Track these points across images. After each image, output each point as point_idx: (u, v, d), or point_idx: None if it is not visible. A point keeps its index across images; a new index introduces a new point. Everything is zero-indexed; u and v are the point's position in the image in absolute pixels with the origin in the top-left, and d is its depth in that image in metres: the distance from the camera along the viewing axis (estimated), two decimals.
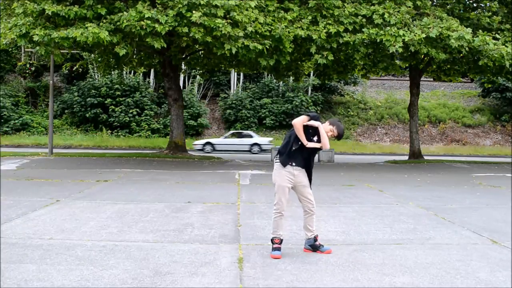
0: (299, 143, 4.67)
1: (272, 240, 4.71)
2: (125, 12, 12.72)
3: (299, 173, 4.75)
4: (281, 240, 4.71)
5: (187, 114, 30.51)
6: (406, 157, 20.99)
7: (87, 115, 30.79)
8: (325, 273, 4.17)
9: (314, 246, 4.79)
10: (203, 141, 26.48)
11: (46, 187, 9.14)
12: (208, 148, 25.60)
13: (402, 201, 8.29)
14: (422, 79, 22.12)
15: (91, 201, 7.60)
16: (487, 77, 23.84)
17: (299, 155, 4.71)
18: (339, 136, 4.73)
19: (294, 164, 4.72)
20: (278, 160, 4.78)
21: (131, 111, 31.06)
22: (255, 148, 25.90)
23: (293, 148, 4.69)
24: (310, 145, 4.65)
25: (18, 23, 12.80)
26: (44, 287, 3.70)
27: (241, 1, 12.96)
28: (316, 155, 19.57)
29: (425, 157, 20.50)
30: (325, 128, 4.69)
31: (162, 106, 32.85)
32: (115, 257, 4.50)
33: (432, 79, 30.88)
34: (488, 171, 15.37)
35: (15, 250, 4.69)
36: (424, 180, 11.94)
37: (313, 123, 4.63)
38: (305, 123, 4.63)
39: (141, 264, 4.32)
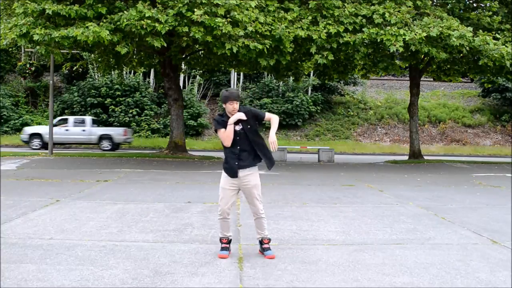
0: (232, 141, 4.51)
1: (220, 240, 4.71)
2: (125, 12, 12.72)
3: (243, 176, 4.60)
4: (229, 240, 4.69)
5: (187, 114, 30.51)
6: (406, 157, 20.98)
7: (87, 115, 30.78)
8: (325, 273, 4.17)
9: (261, 249, 4.71)
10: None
11: (46, 187, 9.14)
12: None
13: (402, 201, 8.29)
14: (422, 79, 22.13)
15: (91, 201, 7.60)
16: (487, 77, 23.85)
17: (240, 149, 4.55)
18: (233, 97, 4.49)
19: (243, 165, 4.58)
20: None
21: (131, 111, 31.05)
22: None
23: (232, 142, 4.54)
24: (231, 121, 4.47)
25: (19, 23, 12.80)
26: (44, 287, 3.70)
27: (242, 1, 12.96)
28: (316, 155, 19.60)
29: (425, 157, 20.50)
30: (228, 109, 4.50)
31: (162, 106, 32.85)
32: (115, 257, 4.50)
33: (432, 79, 30.88)
34: (488, 171, 15.37)
35: (15, 250, 4.69)
36: (424, 180, 11.94)
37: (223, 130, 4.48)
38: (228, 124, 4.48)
39: (141, 264, 4.32)
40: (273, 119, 4.63)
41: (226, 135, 4.51)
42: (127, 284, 3.78)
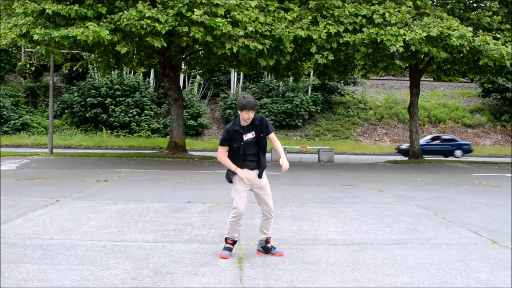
0: (242, 143, 4.54)
1: (225, 240, 4.69)
2: (125, 12, 12.72)
3: (255, 175, 4.64)
4: (234, 241, 4.70)
5: (187, 114, 30.51)
6: (406, 157, 21.00)
7: (87, 115, 30.79)
8: (325, 273, 4.17)
9: (265, 248, 4.73)
10: None
11: (46, 187, 9.14)
12: None
13: (402, 201, 8.29)
14: (422, 79, 22.15)
15: (91, 201, 7.60)
16: (487, 77, 23.85)
17: (247, 154, 4.59)
18: (250, 106, 4.44)
19: (245, 168, 4.59)
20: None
21: (131, 111, 31.06)
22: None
23: (241, 151, 4.58)
24: (246, 139, 4.56)
25: (19, 23, 12.80)
26: (44, 287, 3.70)
27: (242, 1, 12.96)
28: (316, 155, 19.60)
29: (425, 157, 20.51)
30: (243, 117, 4.51)
31: (162, 106, 32.86)
32: (115, 257, 4.50)
33: (432, 79, 30.90)
34: (488, 171, 15.37)
35: (15, 250, 4.69)
36: (424, 180, 11.94)
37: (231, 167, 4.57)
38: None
39: (141, 264, 4.32)
40: (278, 143, 4.81)
41: (221, 159, 4.64)
42: (127, 284, 3.78)
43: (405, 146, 26.15)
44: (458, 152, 25.46)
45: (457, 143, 26.26)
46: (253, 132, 4.58)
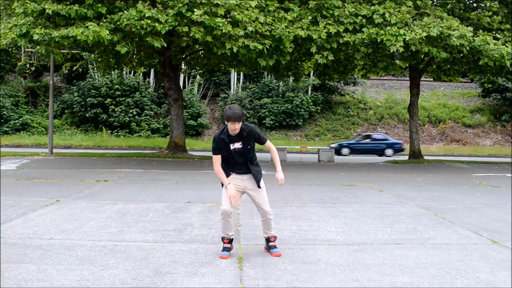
0: (230, 152, 4.57)
1: (222, 240, 4.70)
2: (125, 12, 12.73)
3: (246, 179, 4.68)
4: (231, 240, 4.69)
5: (187, 114, 30.52)
6: (406, 157, 21.00)
7: (87, 115, 30.80)
8: (325, 273, 4.17)
9: (267, 246, 4.77)
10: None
11: (46, 187, 9.14)
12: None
13: (402, 201, 8.28)
14: (422, 79, 22.15)
15: (91, 201, 7.60)
16: (487, 77, 23.85)
17: (237, 162, 4.63)
18: (235, 118, 4.41)
19: (237, 172, 4.65)
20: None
21: (131, 111, 31.07)
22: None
23: (231, 159, 4.61)
24: (235, 148, 4.59)
25: (19, 22, 12.81)
26: (44, 287, 3.70)
27: (242, 1, 12.96)
28: (316, 155, 19.59)
29: (425, 157, 20.51)
30: (230, 128, 4.49)
31: (162, 106, 32.86)
32: (115, 257, 4.50)
33: (432, 79, 30.91)
34: (488, 171, 15.37)
35: (15, 250, 4.69)
36: (424, 180, 11.94)
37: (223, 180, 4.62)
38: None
39: (141, 264, 4.31)
40: (274, 152, 4.75)
41: (216, 171, 4.65)
42: (127, 284, 3.78)
43: (334, 144, 26.21)
44: (389, 151, 25.41)
45: (388, 142, 26.16)
46: (241, 143, 4.58)
